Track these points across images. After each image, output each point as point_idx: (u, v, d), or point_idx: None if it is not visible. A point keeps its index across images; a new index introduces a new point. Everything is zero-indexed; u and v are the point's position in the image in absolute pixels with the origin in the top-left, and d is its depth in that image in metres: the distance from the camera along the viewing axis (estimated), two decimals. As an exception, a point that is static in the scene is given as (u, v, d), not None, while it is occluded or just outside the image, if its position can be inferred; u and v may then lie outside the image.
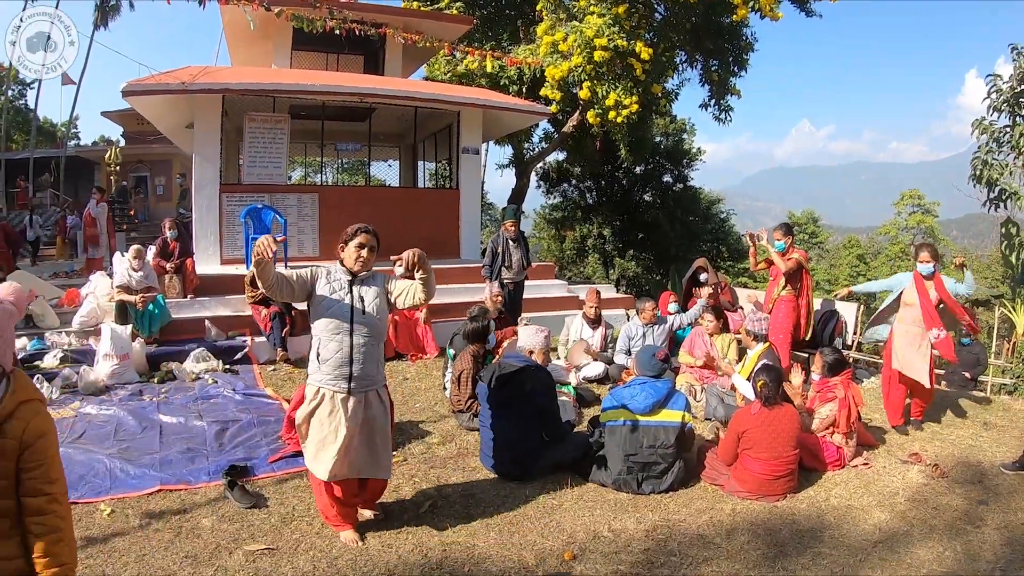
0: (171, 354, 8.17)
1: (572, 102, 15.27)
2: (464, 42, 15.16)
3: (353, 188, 18.40)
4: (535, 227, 26.54)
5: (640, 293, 16.12)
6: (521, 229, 10.10)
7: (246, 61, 15.41)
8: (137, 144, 25.93)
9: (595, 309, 8.82)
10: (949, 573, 4.09)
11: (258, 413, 6.57)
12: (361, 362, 4.12)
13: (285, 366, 8.45)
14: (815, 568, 4.10)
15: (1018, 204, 10.89)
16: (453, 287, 10.50)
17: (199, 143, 10.89)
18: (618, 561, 4.09)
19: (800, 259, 7.97)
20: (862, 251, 38.25)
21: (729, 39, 16.66)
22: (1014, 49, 10.93)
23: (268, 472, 5.23)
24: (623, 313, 11.48)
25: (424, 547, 4.14)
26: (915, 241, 37.96)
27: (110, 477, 4.93)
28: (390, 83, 12.63)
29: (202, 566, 3.80)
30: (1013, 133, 10.77)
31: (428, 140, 15.03)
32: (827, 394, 5.88)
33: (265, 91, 10.91)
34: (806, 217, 45.61)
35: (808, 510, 4.95)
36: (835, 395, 5.79)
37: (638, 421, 5.17)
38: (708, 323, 7.96)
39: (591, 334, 8.75)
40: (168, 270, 9.35)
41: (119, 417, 6.24)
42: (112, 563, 3.79)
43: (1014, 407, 7.87)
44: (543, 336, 5.95)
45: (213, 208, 10.82)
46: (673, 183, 24.28)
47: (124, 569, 3.74)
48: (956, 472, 5.70)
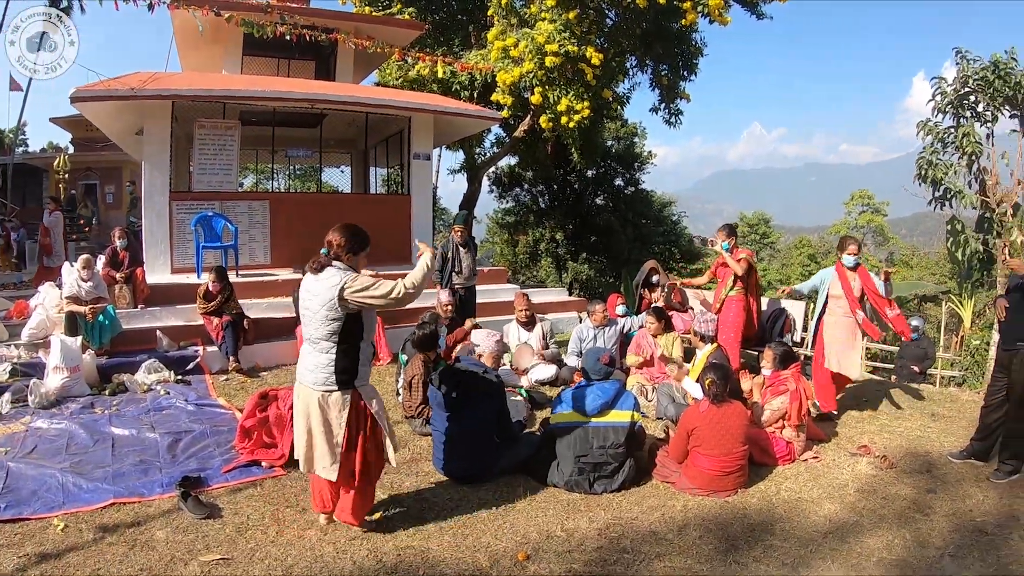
0: (122, 365, 8.06)
1: (524, 107, 15.35)
2: (416, 47, 15.18)
3: (304, 195, 18.28)
4: (488, 232, 26.52)
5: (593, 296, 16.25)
6: (472, 235, 10.16)
7: (196, 66, 15.22)
8: (86, 151, 25.39)
9: (524, 312, 8.98)
10: (899, 560, 4.21)
11: (211, 423, 6.53)
12: (363, 361, 4.31)
13: (238, 376, 8.39)
14: (767, 560, 4.20)
15: (963, 202, 11.23)
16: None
17: (148, 150, 10.74)
18: (571, 560, 4.16)
19: (748, 258, 8.15)
20: (813, 251, 38.97)
21: (679, 44, 16.79)
22: (958, 53, 11.28)
23: (222, 482, 5.20)
24: (575, 316, 11.61)
25: (379, 552, 4.17)
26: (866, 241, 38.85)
27: (63, 492, 4.86)
28: (341, 89, 12.60)
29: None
30: (957, 134, 11.11)
31: (380, 146, 14.99)
32: (779, 387, 6.03)
33: (215, 97, 10.81)
34: (757, 218, 46.30)
35: (759, 504, 5.06)
36: (786, 388, 5.94)
37: (588, 422, 5.26)
38: (650, 324, 8.10)
39: (528, 336, 8.86)
40: (118, 280, 9.22)
41: (71, 431, 6.16)
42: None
43: (961, 398, 8.10)
44: (494, 340, 6.04)
45: (163, 216, 10.67)
46: (625, 186, 24.42)
47: (78, 584, 3.70)
48: (904, 462, 5.87)
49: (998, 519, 4.78)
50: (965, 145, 10.91)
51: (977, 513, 4.90)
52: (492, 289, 12.04)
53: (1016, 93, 10.54)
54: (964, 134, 10.93)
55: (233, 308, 8.81)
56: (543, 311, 9.70)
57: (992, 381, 5.84)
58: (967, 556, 4.25)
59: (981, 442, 5.81)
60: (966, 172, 11.25)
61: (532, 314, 9.09)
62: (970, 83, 10.93)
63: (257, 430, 5.64)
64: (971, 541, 4.45)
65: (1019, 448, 5.50)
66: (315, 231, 4.67)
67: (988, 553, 4.29)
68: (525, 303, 9.04)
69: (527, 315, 8.98)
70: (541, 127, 14.70)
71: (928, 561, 4.21)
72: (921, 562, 4.19)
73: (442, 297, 8.68)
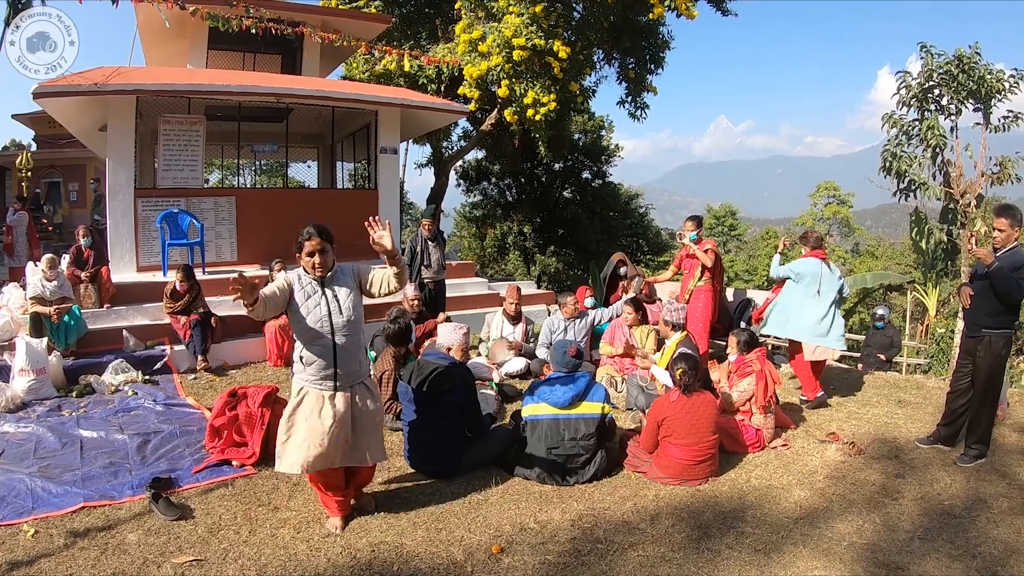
0: (89, 366, 7.96)
1: (490, 100, 15.34)
2: (382, 41, 15.08)
3: (271, 190, 18.11)
4: (456, 226, 26.49)
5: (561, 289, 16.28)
6: (440, 228, 10.14)
7: (161, 61, 15.00)
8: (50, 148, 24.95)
9: (515, 305, 8.98)
10: (869, 544, 4.28)
11: (180, 423, 6.47)
12: (346, 361, 4.28)
13: (206, 375, 8.32)
14: (739, 547, 4.25)
15: (927, 194, 11.41)
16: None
17: (113, 146, 10.55)
18: (545, 552, 4.18)
19: (713, 248, 8.24)
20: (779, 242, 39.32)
21: (646, 37, 16.88)
22: (923, 48, 11.45)
23: (193, 483, 5.16)
24: (544, 309, 11.64)
25: (352, 549, 4.17)
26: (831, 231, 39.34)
27: (32, 497, 4.80)
28: (307, 83, 12.49)
29: (130, 582, 3.75)
30: (921, 127, 11.28)
31: (347, 140, 14.90)
32: (744, 369, 6.13)
33: (180, 92, 10.65)
34: (724, 210, 46.66)
35: (730, 492, 5.13)
36: (751, 369, 6.04)
37: (559, 414, 5.29)
38: (628, 314, 8.16)
39: (512, 330, 8.89)
40: (83, 279, 9.06)
41: (38, 434, 6.07)
42: (38, 584, 3.70)
43: (927, 385, 8.26)
44: (462, 333, 6.05)
45: (128, 214, 10.51)
46: (592, 179, 24.51)
47: (50, 589, 3.66)
48: (873, 449, 5.99)
49: (965, 502, 4.89)
50: (929, 138, 11.09)
51: (945, 497, 5.00)
52: (460, 283, 12.03)
53: (979, 87, 10.72)
54: (929, 127, 11.10)
55: (200, 307, 8.72)
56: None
57: (957, 368, 5.97)
58: (936, 539, 4.34)
59: (947, 427, 5.95)
60: (930, 164, 11.43)
61: (520, 309, 9.10)
62: (935, 77, 11.10)
63: (227, 429, 5.60)
64: (939, 524, 4.55)
65: (984, 433, 5.63)
66: (282, 227, 4.67)
67: (956, 535, 4.38)
68: (516, 296, 9.05)
69: (516, 309, 8.99)
70: (508, 120, 14.71)
71: (898, 544, 4.28)
72: (891, 545, 4.27)
73: (408, 292, 8.64)
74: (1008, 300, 5.34)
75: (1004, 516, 4.66)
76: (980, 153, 10.96)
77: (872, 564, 4.03)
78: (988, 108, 10.98)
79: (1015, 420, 6.72)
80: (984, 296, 5.47)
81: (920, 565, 4.02)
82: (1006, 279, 5.26)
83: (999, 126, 11.02)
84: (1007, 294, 5.31)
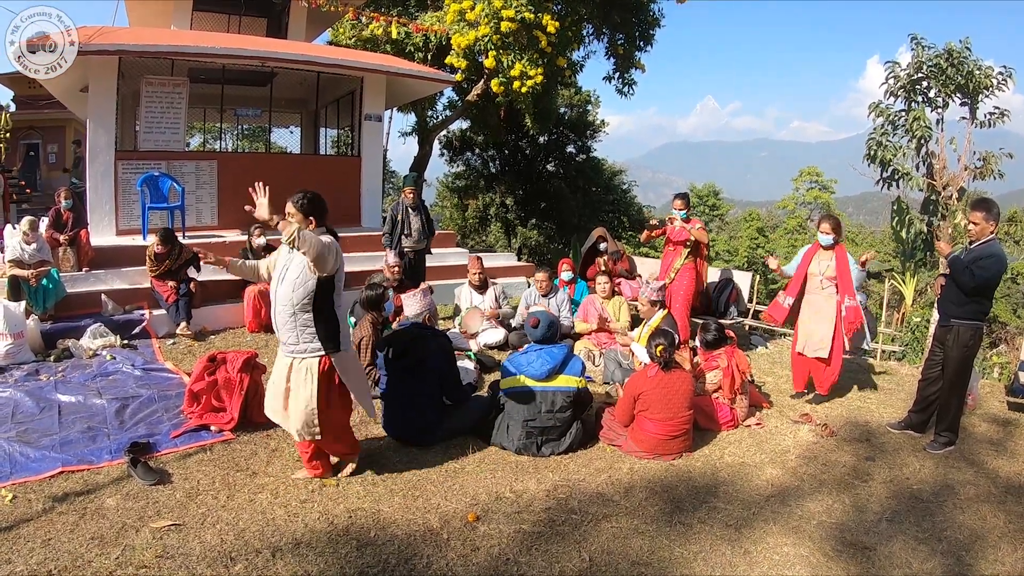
0: (67, 331, 7.88)
1: (477, 71, 15.26)
2: (370, 7, 14.97)
3: (253, 155, 17.93)
4: (438, 196, 26.33)
5: (541, 262, 16.27)
6: (422, 197, 10.12)
7: (144, 21, 14.68)
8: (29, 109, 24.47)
9: (478, 275, 9.02)
10: (838, 523, 4.38)
11: (159, 388, 6.47)
12: (280, 330, 4.41)
13: (184, 339, 8.31)
14: (711, 521, 4.34)
15: (910, 184, 11.49)
16: (354, 255, 10.42)
17: (94, 108, 10.39)
18: (520, 520, 4.25)
19: (703, 226, 8.33)
20: (761, 224, 39.57)
21: (636, 13, 16.83)
22: (914, 39, 11.48)
23: (171, 448, 5.19)
24: (524, 281, 11.67)
25: (330, 515, 4.22)
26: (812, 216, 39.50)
27: (10, 462, 4.80)
28: (293, 47, 12.34)
29: (109, 546, 3.79)
30: (908, 118, 11.33)
31: (331, 106, 14.71)
32: (711, 363, 6.21)
33: (163, 53, 10.46)
34: (708, 190, 46.88)
35: (703, 468, 5.21)
36: (718, 364, 6.11)
37: (536, 386, 5.35)
38: (602, 285, 8.24)
39: (480, 299, 8.93)
40: (62, 242, 8.95)
41: (16, 399, 6.04)
42: (18, 549, 3.73)
43: (901, 371, 8.36)
44: (428, 299, 6.09)
45: (108, 176, 10.37)
46: (576, 154, 24.42)
47: (31, 555, 3.68)
48: (845, 431, 6.08)
49: (933, 487, 4.99)
50: (915, 129, 11.12)
51: (914, 481, 5.10)
52: (442, 252, 12.01)
53: (967, 82, 10.75)
54: (915, 118, 11.12)
55: (187, 268, 8.70)
56: (492, 275, 9.72)
57: (929, 356, 6.06)
58: (903, 521, 4.44)
59: (919, 414, 6.05)
60: (914, 155, 11.47)
61: (485, 278, 9.11)
62: (924, 69, 11.11)
63: (206, 394, 5.60)
64: (907, 507, 4.65)
65: (953, 421, 5.75)
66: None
67: (923, 519, 4.48)
68: (479, 266, 9.05)
69: (480, 278, 9.00)
70: (494, 92, 14.64)
71: (866, 525, 4.38)
72: (859, 526, 4.36)
73: (389, 259, 8.69)
74: (965, 289, 5.42)
75: (970, 503, 4.76)
76: (964, 147, 11.02)
77: (840, 543, 4.12)
78: (975, 103, 11.01)
79: (985, 411, 6.82)
80: (952, 286, 5.57)
81: (887, 546, 4.12)
82: (961, 269, 5.37)
83: (985, 122, 11.08)
84: (961, 283, 5.40)
